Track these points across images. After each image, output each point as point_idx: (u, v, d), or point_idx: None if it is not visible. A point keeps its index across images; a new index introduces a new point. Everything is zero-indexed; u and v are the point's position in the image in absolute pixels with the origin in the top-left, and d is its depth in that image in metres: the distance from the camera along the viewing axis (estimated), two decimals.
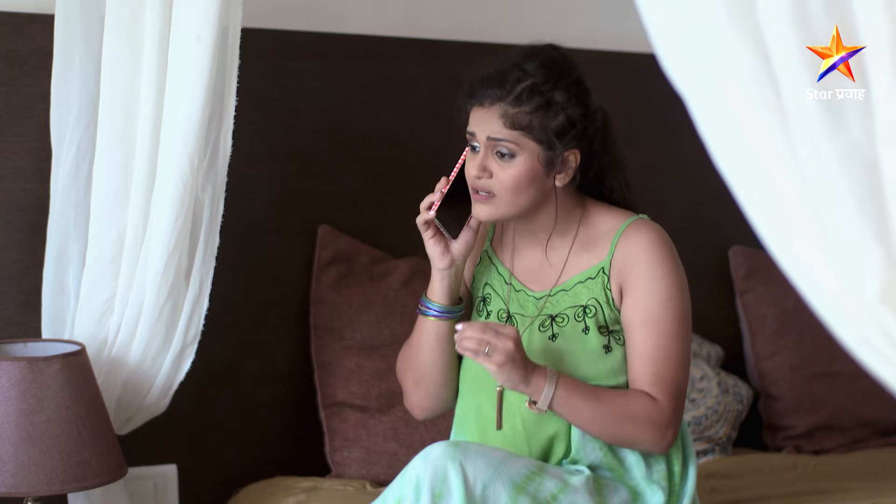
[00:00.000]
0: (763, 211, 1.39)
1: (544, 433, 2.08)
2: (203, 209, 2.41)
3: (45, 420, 2.21)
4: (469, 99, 2.08)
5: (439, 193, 2.09)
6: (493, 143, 2.03)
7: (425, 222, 2.10)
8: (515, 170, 2.02)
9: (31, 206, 2.56)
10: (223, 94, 2.38)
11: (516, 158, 2.02)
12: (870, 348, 1.33)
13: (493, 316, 2.15)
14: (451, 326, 2.13)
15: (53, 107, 2.43)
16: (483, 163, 2.04)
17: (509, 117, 2.01)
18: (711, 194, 2.43)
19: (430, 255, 2.12)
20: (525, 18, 3.05)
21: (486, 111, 2.03)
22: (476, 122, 2.06)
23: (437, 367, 2.16)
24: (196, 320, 2.45)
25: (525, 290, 2.13)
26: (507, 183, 2.03)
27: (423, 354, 2.16)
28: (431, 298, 2.14)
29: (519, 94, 2.02)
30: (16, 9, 2.55)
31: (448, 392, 2.19)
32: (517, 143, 2.02)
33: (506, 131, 2.02)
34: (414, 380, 2.20)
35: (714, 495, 2.64)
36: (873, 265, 1.31)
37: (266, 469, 2.77)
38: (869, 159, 1.32)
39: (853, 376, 3.06)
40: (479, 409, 2.12)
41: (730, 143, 1.38)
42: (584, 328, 2.08)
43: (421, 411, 2.23)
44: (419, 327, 2.17)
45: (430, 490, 1.91)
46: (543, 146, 2.02)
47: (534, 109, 2.01)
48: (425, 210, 2.10)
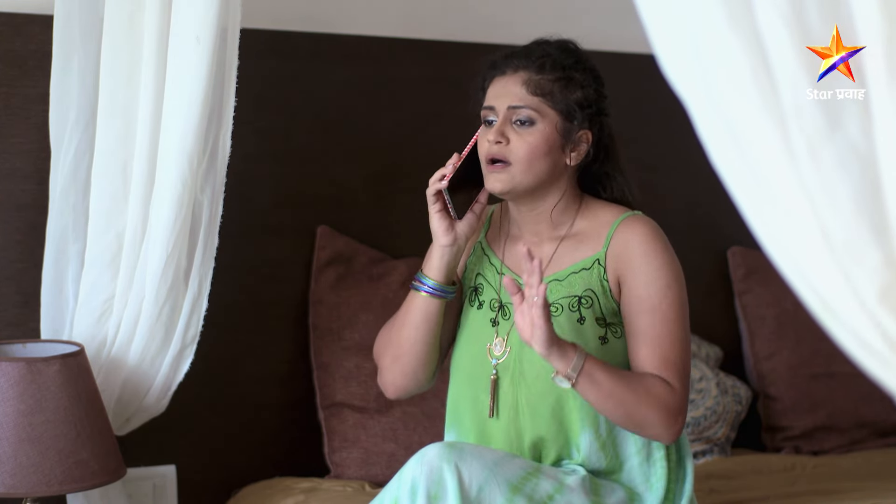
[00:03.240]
0: (761, 212, 1.39)
1: (537, 426, 2.08)
2: (202, 210, 2.41)
3: (44, 421, 2.21)
4: (490, 72, 2.12)
5: (451, 167, 2.10)
6: (513, 111, 2.07)
7: (435, 193, 2.11)
8: (534, 137, 2.06)
9: (29, 207, 2.56)
10: (222, 95, 2.38)
11: (535, 126, 2.06)
12: (868, 350, 1.33)
13: (486, 306, 2.16)
14: (440, 306, 2.13)
15: (52, 107, 2.43)
16: (501, 129, 2.07)
17: (533, 83, 2.06)
18: (710, 195, 2.43)
19: (433, 229, 2.12)
20: (525, 19, 3.05)
21: (509, 79, 2.08)
22: (495, 93, 2.09)
23: (419, 345, 2.15)
24: (195, 321, 2.45)
25: (517, 278, 2.13)
26: (524, 150, 2.06)
27: (408, 331, 2.15)
28: (427, 274, 2.14)
29: (542, 64, 2.07)
30: (15, 9, 2.55)
31: (424, 373, 2.18)
32: (538, 109, 2.06)
33: (528, 97, 2.06)
34: (393, 356, 2.18)
35: (713, 496, 2.64)
36: (872, 267, 1.31)
37: (265, 470, 2.77)
38: (867, 160, 1.32)
39: (852, 377, 3.05)
40: (475, 399, 2.13)
41: (728, 144, 1.38)
42: (579, 318, 2.09)
43: (395, 389, 2.21)
44: (408, 302, 2.17)
45: (426, 491, 1.91)
46: (562, 116, 2.07)
47: (556, 79, 2.07)
48: (436, 181, 2.10)
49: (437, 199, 2.11)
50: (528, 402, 2.08)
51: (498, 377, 2.08)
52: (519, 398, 2.08)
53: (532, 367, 2.08)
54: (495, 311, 2.14)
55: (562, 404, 2.08)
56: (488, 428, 2.11)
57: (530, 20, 3.04)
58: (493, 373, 2.09)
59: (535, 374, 2.08)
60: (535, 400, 2.08)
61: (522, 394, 2.09)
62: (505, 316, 2.13)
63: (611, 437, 2.09)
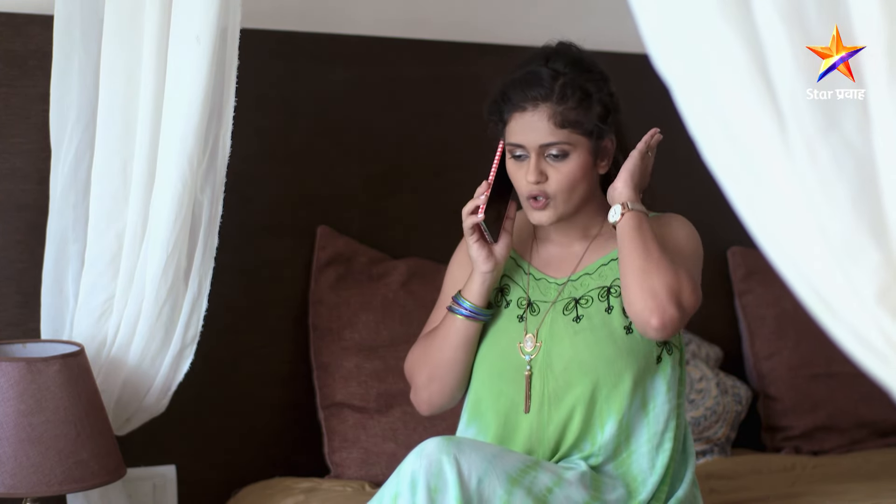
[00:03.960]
0: (759, 212, 1.39)
1: (561, 415, 2.10)
2: (202, 210, 2.41)
3: (44, 421, 2.21)
4: (506, 105, 2.11)
5: (483, 198, 2.11)
6: (546, 147, 2.07)
7: (472, 226, 2.12)
8: (570, 168, 2.08)
9: (30, 207, 2.56)
10: (222, 94, 2.38)
11: (570, 156, 2.08)
12: (867, 350, 1.33)
13: (514, 304, 2.19)
14: (478, 328, 2.17)
15: (52, 108, 2.43)
16: (538, 167, 2.08)
17: (558, 115, 2.06)
18: (710, 195, 2.41)
19: (474, 258, 2.14)
20: (525, 19, 3.05)
21: (532, 115, 2.07)
22: (521, 130, 2.08)
23: (458, 366, 2.18)
24: (195, 321, 2.45)
25: (546, 277, 2.18)
26: (564, 183, 2.08)
27: (447, 353, 2.18)
28: (467, 298, 2.16)
29: (561, 92, 2.07)
30: (15, 9, 2.55)
31: (459, 391, 2.22)
32: (569, 141, 2.07)
33: (557, 132, 2.06)
34: (429, 376, 2.21)
35: (713, 496, 2.64)
36: (870, 267, 1.31)
37: (265, 470, 2.77)
38: (866, 160, 1.31)
39: (852, 377, 3.05)
40: (500, 393, 2.15)
41: (725, 144, 1.38)
42: (607, 307, 2.12)
43: (428, 407, 2.24)
44: (447, 325, 2.19)
45: (426, 484, 1.92)
46: (592, 138, 2.08)
47: (577, 104, 2.07)
48: (470, 214, 2.12)
49: (473, 230, 2.13)
50: (556, 394, 2.11)
51: (532, 372, 2.11)
52: (546, 390, 2.11)
53: (560, 359, 2.11)
54: (523, 309, 2.17)
55: (593, 393, 2.09)
56: (511, 421, 2.14)
57: (531, 20, 3.04)
58: (527, 368, 2.12)
59: (564, 367, 2.11)
60: (562, 391, 2.10)
61: (550, 386, 2.11)
62: (533, 312, 2.16)
63: (629, 428, 2.11)
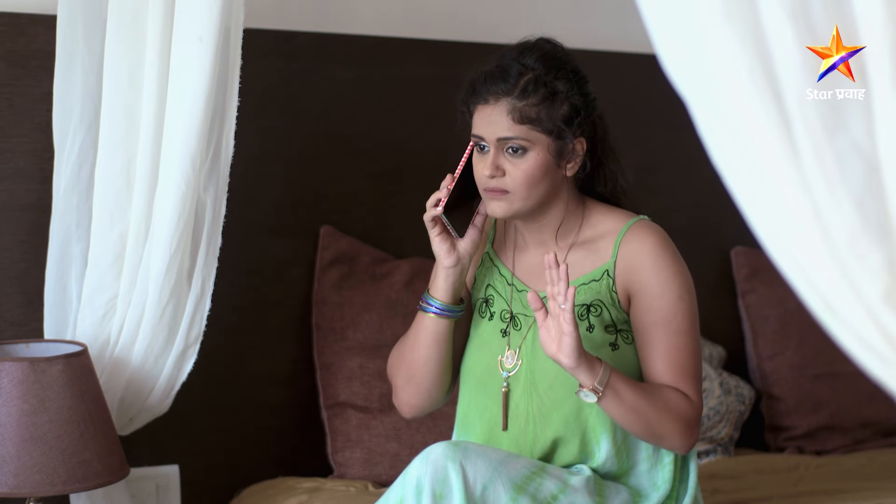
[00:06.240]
0: (762, 212, 1.39)
1: (548, 435, 2.08)
2: (205, 210, 2.41)
3: (48, 420, 2.21)
4: (472, 97, 2.08)
5: (445, 190, 2.08)
6: (504, 141, 2.03)
7: (432, 219, 2.09)
8: (528, 164, 2.03)
9: (33, 207, 2.56)
10: (225, 94, 2.38)
11: (528, 153, 2.03)
12: (870, 350, 1.33)
13: (497, 317, 2.15)
14: (449, 325, 2.13)
15: (56, 107, 2.43)
16: (495, 161, 2.03)
17: (517, 111, 2.02)
18: (713, 195, 2.43)
19: (436, 252, 2.11)
20: (526, 19, 3.05)
21: (493, 108, 2.03)
22: (483, 122, 2.05)
23: (431, 365, 2.15)
24: (198, 321, 2.46)
25: (528, 289, 2.13)
26: (520, 179, 2.03)
27: (419, 351, 2.15)
28: (434, 295, 2.13)
29: (524, 87, 2.02)
30: (18, 9, 2.55)
31: (439, 391, 2.19)
32: (528, 137, 2.02)
33: (515, 127, 2.02)
34: (406, 377, 2.18)
35: (716, 496, 2.64)
36: (874, 267, 1.31)
37: (268, 470, 2.77)
38: (870, 160, 1.31)
39: (855, 377, 3.03)
40: (485, 409, 2.12)
41: (730, 143, 1.38)
42: (588, 327, 2.08)
43: (410, 409, 2.21)
44: (417, 324, 2.16)
45: (431, 490, 1.91)
46: (553, 137, 2.03)
47: (540, 101, 2.02)
48: (432, 207, 2.09)
49: (435, 223, 2.10)
50: (541, 412, 2.07)
51: (509, 389, 2.08)
52: (530, 408, 2.08)
53: (545, 377, 2.08)
54: (506, 323, 2.14)
55: (580, 412, 2.07)
56: (494, 438, 2.11)
57: (531, 20, 3.03)
58: (504, 385, 2.09)
59: (548, 385, 2.07)
60: (548, 409, 2.07)
61: (534, 404, 2.08)
62: (516, 327, 2.12)
63: (625, 444, 2.10)
